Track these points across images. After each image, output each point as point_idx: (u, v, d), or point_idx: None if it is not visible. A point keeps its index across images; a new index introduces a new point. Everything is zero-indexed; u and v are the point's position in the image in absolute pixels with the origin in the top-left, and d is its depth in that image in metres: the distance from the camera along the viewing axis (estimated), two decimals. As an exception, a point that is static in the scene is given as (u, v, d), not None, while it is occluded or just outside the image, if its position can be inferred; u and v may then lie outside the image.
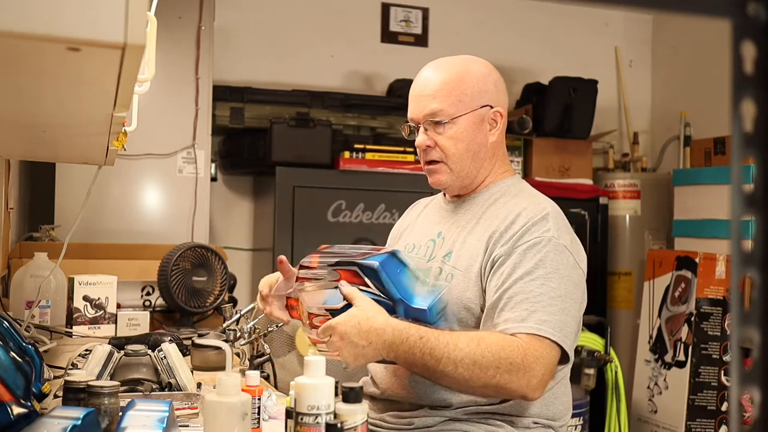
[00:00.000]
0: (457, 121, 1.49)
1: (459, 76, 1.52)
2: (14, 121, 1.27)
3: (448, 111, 1.49)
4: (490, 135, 1.53)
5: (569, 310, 1.39)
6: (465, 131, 1.50)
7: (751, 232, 0.42)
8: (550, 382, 1.41)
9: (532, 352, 1.33)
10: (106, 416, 1.19)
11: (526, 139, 3.74)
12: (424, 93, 1.52)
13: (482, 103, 1.51)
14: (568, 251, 1.42)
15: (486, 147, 1.53)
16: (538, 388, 1.34)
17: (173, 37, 2.96)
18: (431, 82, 1.52)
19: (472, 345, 1.32)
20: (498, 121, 1.54)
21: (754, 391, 0.41)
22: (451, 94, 1.49)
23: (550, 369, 1.36)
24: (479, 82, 1.52)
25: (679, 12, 0.43)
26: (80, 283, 2.28)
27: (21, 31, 0.62)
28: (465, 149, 1.51)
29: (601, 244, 3.77)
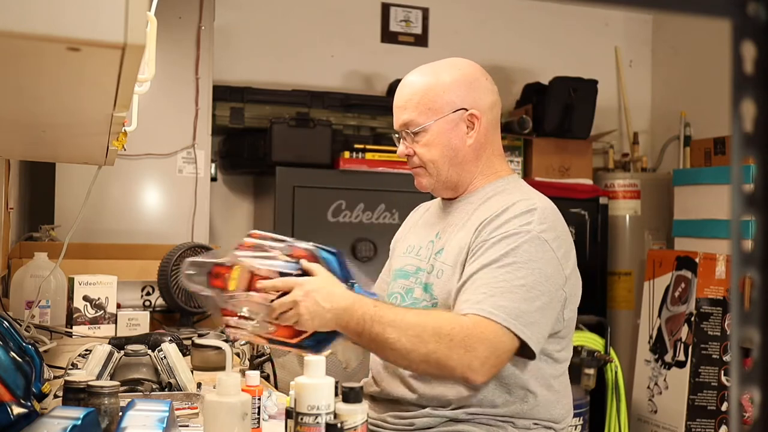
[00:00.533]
0: (429, 129, 1.54)
1: (428, 85, 1.55)
2: (14, 121, 1.27)
3: (419, 120, 1.54)
4: (468, 138, 1.55)
5: (534, 301, 1.38)
6: (438, 137, 1.54)
7: (751, 232, 0.42)
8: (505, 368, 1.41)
9: (476, 333, 1.33)
10: (106, 416, 1.19)
11: (526, 139, 3.74)
12: (398, 105, 1.58)
13: (454, 108, 1.53)
14: (549, 245, 1.42)
15: (464, 150, 1.55)
16: (481, 371, 1.34)
17: (173, 37, 2.96)
18: (403, 94, 1.58)
19: (420, 318, 1.37)
20: (475, 123, 1.55)
21: (754, 391, 0.41)
22: (420, 104, 1.54)
23: (498, 354, 1.35)
24: (450, 87, 1.55)
25: (679, 12, 0.43)
26: (80, 283, 2.28)
27: (21, 31, 0.62)
28: (440, 155, 1.54)
29: (601, 244, 3.77)
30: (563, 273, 1.44)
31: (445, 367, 1.33)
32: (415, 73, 1.59)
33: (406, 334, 1.33)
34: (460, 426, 1.46)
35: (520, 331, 1.35)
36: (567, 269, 1.45)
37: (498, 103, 1.61)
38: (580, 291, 1.53)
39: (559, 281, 1.43)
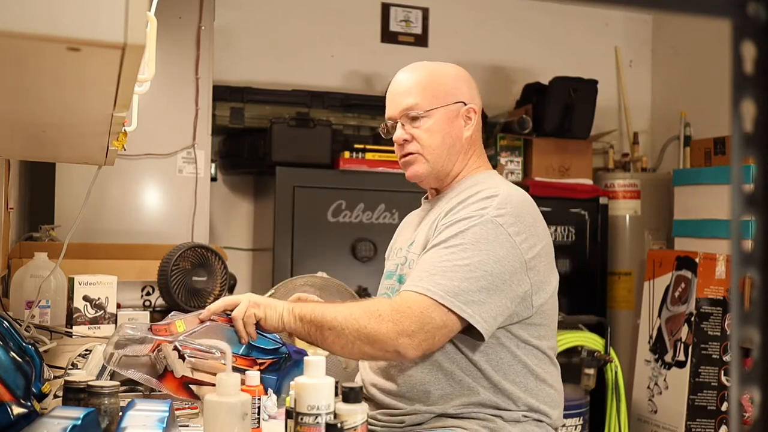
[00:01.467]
0: (432, 114, 1.57)
1: (432, 74, 1.60)
2: (14, 121, 1.27)
3: (423, 105, 1.57)
4: (465, 130, 1.60)
5: (478, 281, 1.39)
6: (440, 124, 1.58)
7: (751, 232, 0.42)
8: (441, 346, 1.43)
9: (403, 308, 1.38)
10: (106, 416, 1.19)
11: (526, 139, 3.74)
12: (400, 90, 1.62)
13: (455, 100, 1.59)
14: (503, 229, 1.43)
15: (461, 141, 1.60)
16: (411, 345, 1.37)
17: (173, 37, 2.96)
18: (406, 81, 1.62)
19: (356, 302, 1.49)
20: (472, 118, 1.61)
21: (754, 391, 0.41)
22: (426, 90, 1.58)
23: (428, 330, 1.38)
24: (451, 80, 1.61)
25: (679, 12, 0.43)
26: (80, 283, 2.28)
27: (21, 31, 0.62)
28: (441, 141, 1.58)
29: (601, 244, 3.77)
30: (521, 257, 1.44)
31: (376, 341, 1.38)
32: (414, 66, 1.64)
33: (341, 314, 1.40)
34: (450, 421, 1.47)
35: (458, 308, 1.37)
36: (528, 254, 1.45)
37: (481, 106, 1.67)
38: (554, 279, 1.53)
39: (513, 265, 1.43)
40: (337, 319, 1.40)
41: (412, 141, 1.59)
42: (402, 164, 1.63)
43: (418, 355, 1.40)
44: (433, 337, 1.38)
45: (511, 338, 1.49)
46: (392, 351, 1.38)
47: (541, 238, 1.50)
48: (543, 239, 1.50)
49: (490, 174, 1.63)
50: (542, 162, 3.75)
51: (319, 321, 1.41)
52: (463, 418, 1.47)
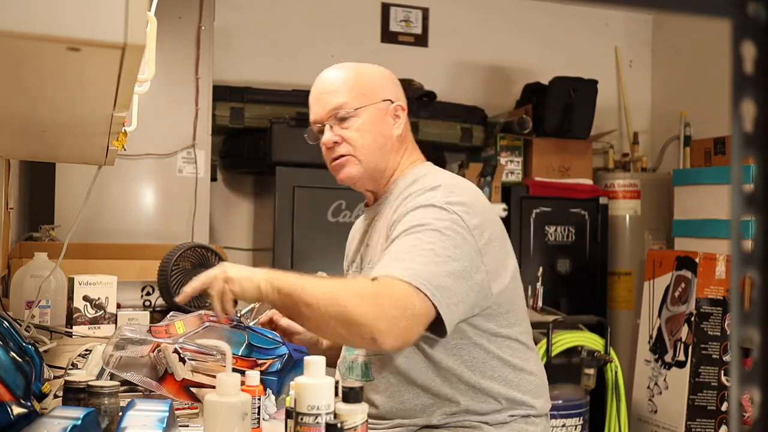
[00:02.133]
0: (361, 113, 1.53)
1: (357, 73, 1.57)
2: (14, 121, 1.27)
3: (352, 103, 1.53)
4: (395, 128, 1.57)
5: (443, 266, 1.34)
6: (370, 123, 1.54)
7: (751, 232, 0.42)
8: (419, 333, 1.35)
9: (384, 292, 1.30)
10: (106, 416, 1.19)
11: (526, 139, 3.74)
12: (325, 91, 1.57)
13: (383, 97, 1.56)
14: (457, 216, 1.40)
15: (392, 139, 1.57)
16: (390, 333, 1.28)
17: (173, 37, 2.96)
18: (331, 82, 1.57)
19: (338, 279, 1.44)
20: (400, 116, 1.58)
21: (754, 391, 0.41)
22: (353, 89, 1.54)
23: (408, 317, 1.30)
24: (376, 78, 1.59)
25: (679, 12, 0.43)
26: (80, 283, 2.28)
27: (21, 31, 0.62)
28: (372, 140, 1.54)
29: (601, 244, 3.77)
30: (476, 244, 1.40)
31: (352, 323, 1.28)
32: (337, 66, 1.60)
33: (320, 290, 1.32)
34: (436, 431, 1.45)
35: (431, 292, 1.30)
36: (481, 240, 1.41)
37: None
38: (510, 262, 1.49)
39: (470, 252, 1.39)
40: (315, 295, 1.31)
41: (342, 143, 1.54)
42: (332, 168, 1.58)
43: (395, 345, 1.31)
44: (412, 326, 1.31)
45: (481, 334, 1.44)
46: (368, 337, 1.29)
47: (491, 222, 1.46)
48: (493, 224, 1.47)
49: (426, 166, 1.60)
50: (542, 162, 3.75)
51: (297, 295, 1.32)
52: (449, 427, 1.44)
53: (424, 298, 1.30)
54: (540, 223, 3.68)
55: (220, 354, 1.43)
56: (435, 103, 3.64)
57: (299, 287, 1.33)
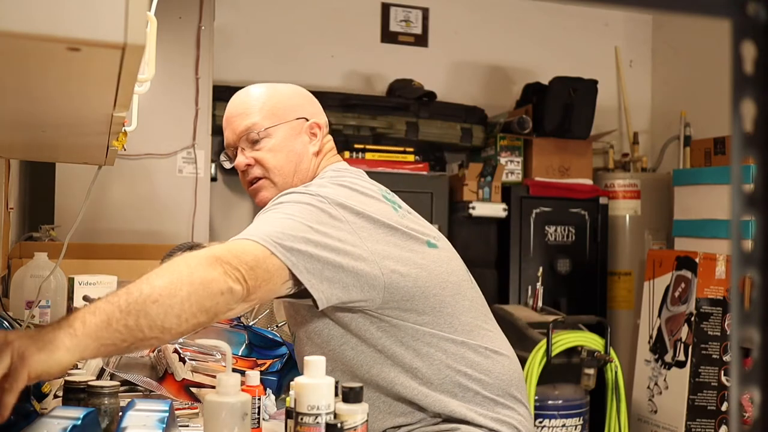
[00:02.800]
0: (273, 133, 1.49)
1: (267, 93, 1.54)
2: (14, 121, 1.26)
3: (262, 123, 1.49)
4: (311, 145, 1.53)
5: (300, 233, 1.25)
6: (282, 142, 1.49)
7: (751, 232, 0.42)
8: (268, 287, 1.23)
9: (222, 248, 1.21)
10: (106, 416, 1.19)
11: (526, 139, 3.74)
12: (237, 113, 1.53)
13: (296, 116, 1.53)
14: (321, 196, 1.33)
15: (308, 157, 1.52)
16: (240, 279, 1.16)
17: (173, 37, 2.96)
18: (240, 104, 1.54)
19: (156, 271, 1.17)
20: (317, 134, 1.54)
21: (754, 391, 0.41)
22: (263, 108, 1.50)
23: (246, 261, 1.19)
24: (289, 96, 1.55)
25: (679, 12, 0.43)
26: (80, 283, 2.28)
27: (21, 31, 0.62)
28: (285, 160, 1.49)
29: (601, 244, 3.77)
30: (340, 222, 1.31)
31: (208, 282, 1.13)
32: (246, 89, 1.56)
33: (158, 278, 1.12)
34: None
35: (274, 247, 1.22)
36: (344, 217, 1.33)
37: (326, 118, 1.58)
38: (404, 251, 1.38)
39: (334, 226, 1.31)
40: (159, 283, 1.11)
41: (255, 165, 1.49)
42: (250, 192, 1.53)
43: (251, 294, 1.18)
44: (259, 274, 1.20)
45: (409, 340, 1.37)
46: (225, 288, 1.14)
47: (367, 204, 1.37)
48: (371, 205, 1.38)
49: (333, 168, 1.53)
50: (542, 162, 3.75)
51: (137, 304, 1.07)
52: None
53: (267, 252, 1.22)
54: (540, 223, 3.68)
55: (220, 354, 1.43)
56: (435, 103, 3.64)
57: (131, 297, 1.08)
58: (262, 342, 1.56)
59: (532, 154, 3.74)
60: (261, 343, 1.56)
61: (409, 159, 3.38)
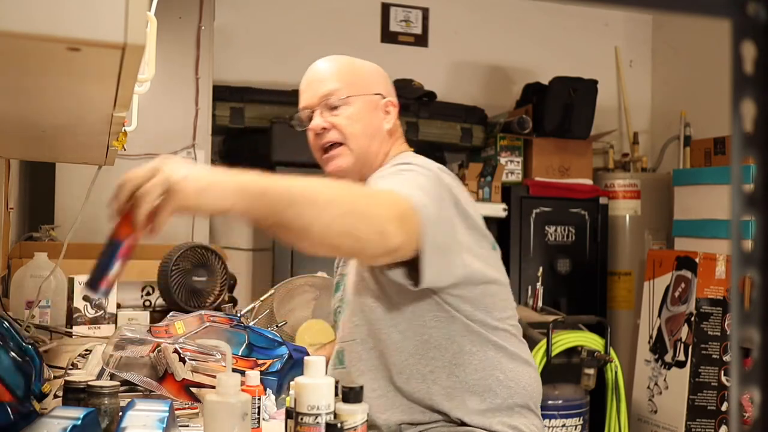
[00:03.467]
0: (352, 102, 1.51)
1: (350, 64, 1.58)
2: (14, 121, 1.27)
3: (344, 91, 1.51)
4: (385, 122, 1.55)
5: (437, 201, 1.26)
6: (361, 112, 1.51)
7: (751, 232, 0.42)
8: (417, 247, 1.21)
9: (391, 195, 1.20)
10: (106, 416, 1.19)
11: (526, 139, 3.74)
12: (317, 78, 1.55)
13: (375, 91, 1.55)
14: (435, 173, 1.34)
15: (381, 132, 1.54)
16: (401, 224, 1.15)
17: (173, 37, 2.96)
18: (323, 69, 1.57)
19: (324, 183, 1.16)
20: (391, 111, 1.56)
21: (754, 391, 0.41)
22: (345, 77, 1.53)
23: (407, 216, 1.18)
24: (370, 72, 1.59)
25: (679, 12, 0.43)
26: (80, 283, 2.28)
27: (21, 31, 0.62)
28: (362, 130, 1.50)
29: (601, 244, 3.77)
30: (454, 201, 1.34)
31: (369, 216, 1.13)
32: (331, 57, 1.60)
33: (327, 186, 1.15)
34: None
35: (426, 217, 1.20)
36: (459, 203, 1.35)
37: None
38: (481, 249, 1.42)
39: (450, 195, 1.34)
40: (327, 190, 1.12)
41: (332, 129, 1.49)
42: (323, 160, 1.54)
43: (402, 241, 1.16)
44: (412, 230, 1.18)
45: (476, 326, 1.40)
46: (378, 230, 1.13)
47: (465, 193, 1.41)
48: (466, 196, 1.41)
49: (407, 156, 1.53)
50: (542, 162, 3.75)
51: (296, 195, 1.08)
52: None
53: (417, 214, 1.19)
54: (540, 223, 3.68)
55: (220, 354, 1.43)
56: (435, 103, 3.64)
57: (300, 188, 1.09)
58: (262, 342, 1.56)
59: (532, 154, 3.74)
60: (261, 343, 1.56)
61: (409, 159, 3.38)
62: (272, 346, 1.56)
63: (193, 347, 1.47)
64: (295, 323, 2.14)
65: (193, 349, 1.46)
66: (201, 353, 1.46)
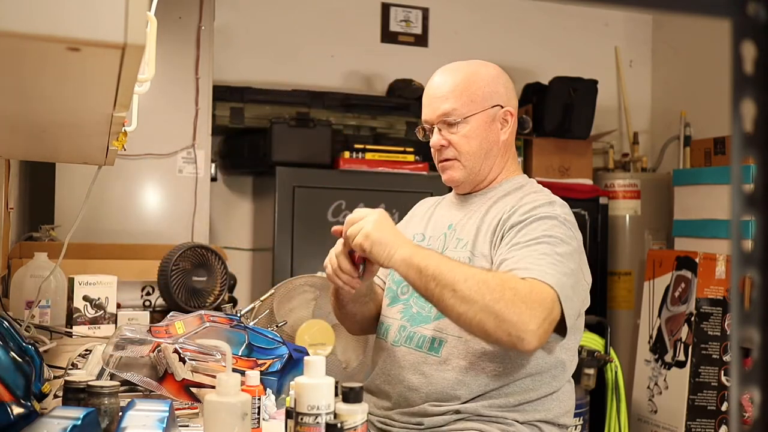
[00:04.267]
0: (470, 120, 1.56)
1: (469, 78, 1.57)
2: (14, 121, 1.26)
3: (461, 111, 1.55)
4: (502, 133, 1.60)
5: (571, 277, 1.39)
6: (477, 130, 1.56)
7: (751, 232, 0.42)
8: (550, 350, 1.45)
9: (536, 292, 1.32)
10: (106, 416, 1.19)
11: (526, 139, 3.74)
12: (437, 95, 1.58)
13: (493, 103, 1.57)
14: (574, 236, 1.46)
15: (497, 145, 1.59)
16: (536, 334, 1.30)
17: (173, 37, 2.96)
18: (443, 85, 1.58)
19: (484, 270, 1.38)
20: (509, 120, 1.60)
21: (754, 391, 0.41)
22: (463, 95, 1.55)
23: (550, 320, 1.33)
24: (489, 83, 1.58)
25: (679, 12, 0.43)
26: (80, 283, 2.28)
27: (21, 31, 0.62)
28: (477, 147, 1.57)
29: (601, 244, 3.77)
30: (586, 263, 1.50)
31: (503, 320, 1.29)
32: (451, 68, 1.61)
33: (472, 279, 1.31)
34: (471, 424, 1.45)
35: (564, 299, 1.35)
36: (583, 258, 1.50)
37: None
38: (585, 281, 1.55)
39: (582, 266, 1.47)
40: (468, 283, 1.30)
41: (449, 146, 1.57)
42: (439, 168, 1.63)
43: (535, 347, 1.32)
44: (550, 331, 1.35)
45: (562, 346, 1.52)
46: (514, 335, 1.29)
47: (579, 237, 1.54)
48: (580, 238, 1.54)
49: (527, 179, 1.66)
50: (542, 162, 3.75)
51: (445, 280, 1.31)
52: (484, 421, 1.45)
53: (559, 306, 1.35)
54: (540, 223, 3.67)
55: (220, 354, 1.43)
56: (435, 103, 3.64)
57: (449, 272, 1.32)
58: (262, 342, 1.56)
59: (532, 154, 3.74)
60: (261, 343, 1.56)
61: (409, 159, 3.38)
62: (272, 346, 1.56)
63: (193, 347, 1.47)
64: (295, 323, 2.14)
65: (193, 349, 1.46)
66: (201, 353, 1.46)
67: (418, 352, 1.52)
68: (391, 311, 1.62)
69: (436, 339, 1.51)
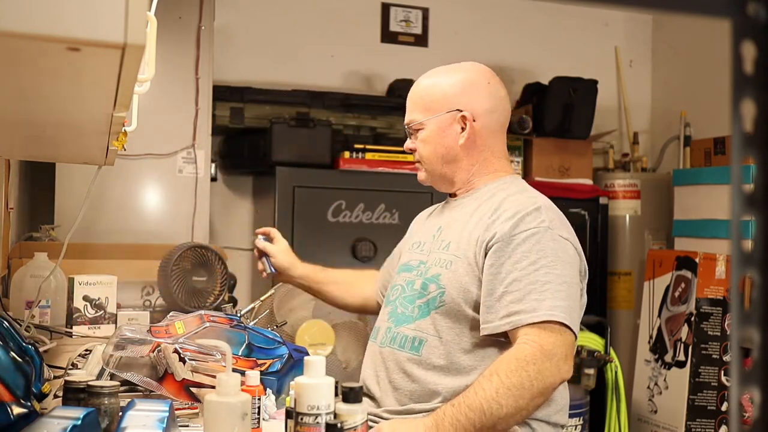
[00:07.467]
0: (425, 126, 1.63)
1: (429, 86, 1.64)
2: (14, 121, 1.26)
3: (418, 118, 1.64)
4: (459, 137, 1.61)
5: (575, 296, 1.47)
6: (431, 135, 1.63)
7: (751, 232, 0.42)
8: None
9: (546, 345, 1.39)
10: (106, 416, 1.19)
11: (526, 139, 3.74)
12: (408, 103, 1.68)
13: (449, 108, 1.60)
14: (567, 241, 1.49)
15: (455, 149, 1.62)
16: (568, 372, 1.42)
17: (173, 37, 2.96)
18: (411, 94, 1.68)
19: (494, 379, 1.37)
20: (468, 124, 1.61)
21: (754, 391, 0.41)
22: (420, 103, 1.64)
23: (569, 348, 1.43)
24: (448, 88, 1.62)
25: (679, 12, 0.43)
26: (80, 283, 2.28)
27: (21, 31, 0.62)
28: (432, 151, 1.63)
29: (601, 244, 3.77)
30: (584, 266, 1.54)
31: (546, 388, 1.39)
32: (425, 75, 1.68)
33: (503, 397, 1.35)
34: None
35: (573, 325, 1.43)
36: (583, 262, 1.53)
37: (500, 109, 1.65)
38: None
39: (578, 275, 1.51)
40: (507, 403, 1.35)
41: (415, 151, 1.67)
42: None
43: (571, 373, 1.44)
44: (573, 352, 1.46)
45: None
46: (560, 384, 1.43)
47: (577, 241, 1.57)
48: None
49: (514, 178, 1.66)
50: (542, 162, 3.75)
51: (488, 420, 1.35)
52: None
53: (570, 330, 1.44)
54: (540, 223, 3.67)
55: (220, 354, 1.43)
56: (435, 103, 3.64)
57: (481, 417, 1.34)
58: (262, 342, 1.56)
59: (532, 154, 3.74)
60: (261, 343, 1.56)
61: (409, 159, 3.38)
62: (272, 346, 1.56)
63: (193, 347, 1.47)
64: (295, 323, 2.14)
65: (193, 349, 1.46)
66: (201, 353, 1.46)
67: (400, 352, 1.56)
68: (383, 314, 1.68)
69: (416, 338, 1.54)
